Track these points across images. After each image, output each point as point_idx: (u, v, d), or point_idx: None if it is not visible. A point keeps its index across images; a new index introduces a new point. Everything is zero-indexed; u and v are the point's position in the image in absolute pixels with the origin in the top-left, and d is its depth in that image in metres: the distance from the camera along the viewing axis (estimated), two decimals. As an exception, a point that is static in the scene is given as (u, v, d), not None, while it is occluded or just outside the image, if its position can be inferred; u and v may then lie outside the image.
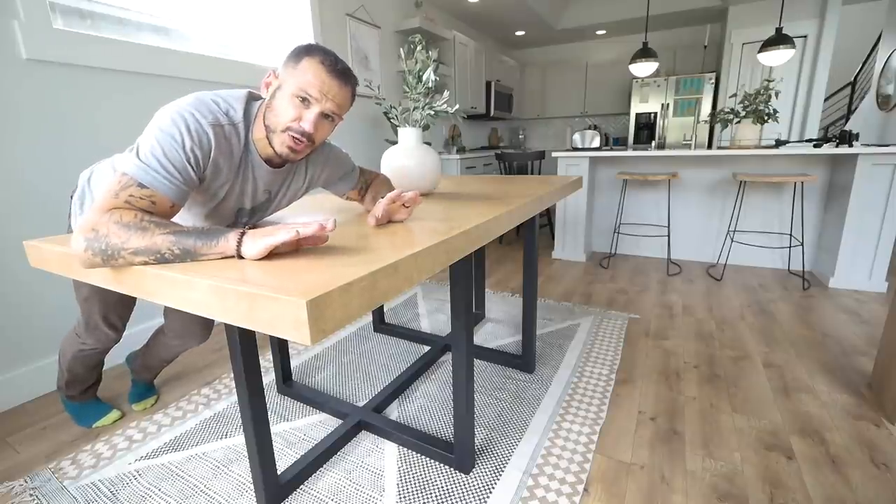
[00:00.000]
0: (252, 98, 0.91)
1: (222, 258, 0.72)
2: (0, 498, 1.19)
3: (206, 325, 1.34)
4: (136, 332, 1.96)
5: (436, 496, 1.16)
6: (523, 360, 1.76)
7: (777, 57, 3.21)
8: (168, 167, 0.76)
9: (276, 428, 1.46)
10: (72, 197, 1.13)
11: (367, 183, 1.23)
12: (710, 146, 5.01)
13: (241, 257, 0.71)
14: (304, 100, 0.85)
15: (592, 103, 6.14)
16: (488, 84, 5.20)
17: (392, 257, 0.67)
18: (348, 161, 1.17)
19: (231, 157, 0.87)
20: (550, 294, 2.67)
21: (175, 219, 0.87)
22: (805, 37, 4.41)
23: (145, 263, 0.69)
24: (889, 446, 1.30)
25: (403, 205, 0.96)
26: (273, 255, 0.72)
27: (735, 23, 4.71)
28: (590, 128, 6.31)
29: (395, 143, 2.77)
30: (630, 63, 3.82)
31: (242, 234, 0.71)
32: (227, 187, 0.91)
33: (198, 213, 0.94)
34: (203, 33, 2.25)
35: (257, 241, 0.70)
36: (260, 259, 0.71)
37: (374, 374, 1.80)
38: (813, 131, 4.55)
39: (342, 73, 0.86)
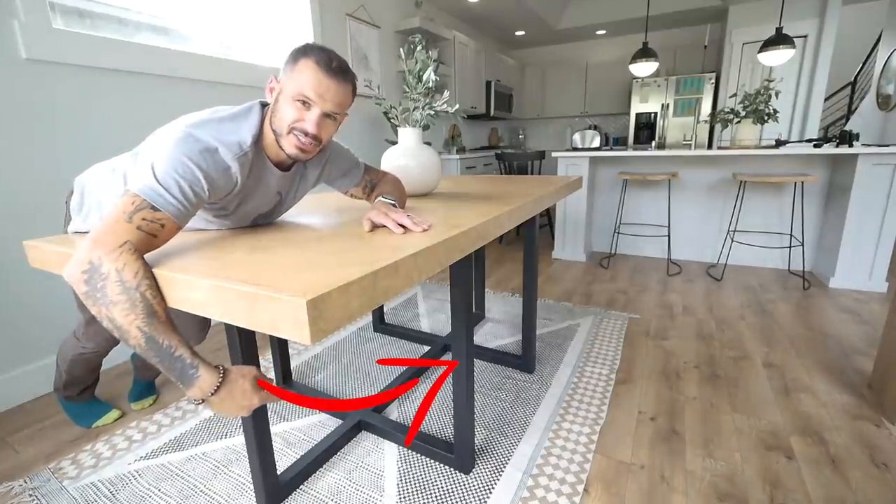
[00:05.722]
0: (264, 106, 0.92)
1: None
2: (0, 498, 1.19)
3: (203, 325, 1.34)
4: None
5: (436, 496, 1.16)
6: (523, 360, 1.76)
7: (777, 57, 3.21)
8: (188, 194, 0.75)
9: (276, 428, 1.46)
10: (67, 203, 1.08)
11: (374, 182, 1.21)
12: (710, 146, 5.01)
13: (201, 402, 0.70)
14: (304, 102, 0.84)
15: (592, 103, 6.14)
16: (488, 84, 5.20)
17: (392, 257, 0.67)
18: (350, 157, 1.17)
19: (247, 176, 0.88)
20: (550, 294, 2.67)
21: (190, 221, 0.87)
22: (805, 37, 4.41)
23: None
24: (889, 446, 1.30)
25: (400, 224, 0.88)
26: (269, 254, 0.72)
27: (735, 23, 4.71)
28: (590, 128, 6.31)
29: (395, 143, 2.77)
30: (630, 63, 3.83)
31: (219, 386, 0.69)
32: (238, 198, 0.92)
33: (210, 219, 0.95)
34: (203, 33, 2.25)
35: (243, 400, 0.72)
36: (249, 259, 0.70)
37: (374, 374, 1.80)
38: (813, 131, 4.55)
39: (338, 71, 0.85)
